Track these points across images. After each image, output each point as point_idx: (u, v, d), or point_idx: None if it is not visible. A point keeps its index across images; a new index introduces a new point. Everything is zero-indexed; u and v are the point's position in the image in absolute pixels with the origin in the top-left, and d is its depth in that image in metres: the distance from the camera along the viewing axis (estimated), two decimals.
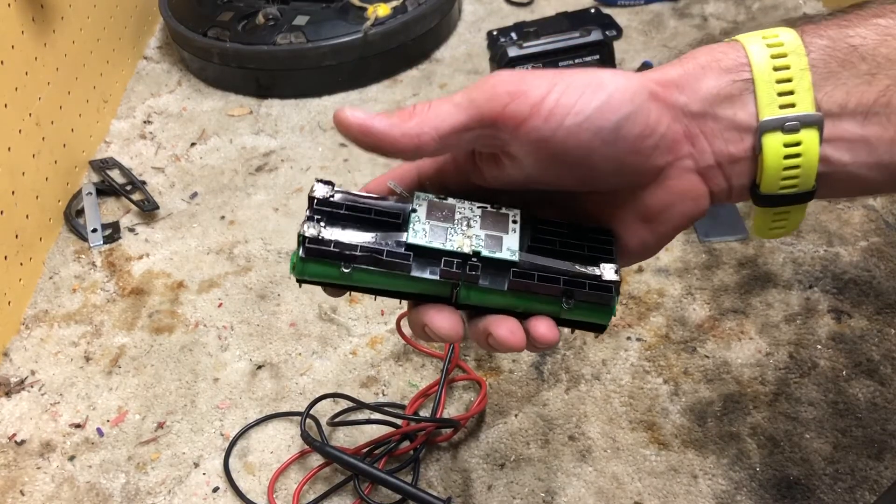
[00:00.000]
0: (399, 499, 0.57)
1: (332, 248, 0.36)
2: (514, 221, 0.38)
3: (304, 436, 0.59)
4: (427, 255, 0.37)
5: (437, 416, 0.61)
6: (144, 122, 0.96)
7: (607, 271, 0.37)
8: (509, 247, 0.37)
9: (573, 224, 0.39)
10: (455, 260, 0.36)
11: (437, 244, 0.36)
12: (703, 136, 0.36)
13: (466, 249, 0.36)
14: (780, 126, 0.35)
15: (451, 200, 0.38)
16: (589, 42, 0.89)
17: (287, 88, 0.98)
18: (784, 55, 0.35)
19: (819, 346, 0.65)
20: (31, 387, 0.68)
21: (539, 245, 0.38)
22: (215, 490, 0.59)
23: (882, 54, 0.35)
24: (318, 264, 0.37)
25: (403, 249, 0.37)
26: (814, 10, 1.03)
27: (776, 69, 0.35)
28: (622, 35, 1.02)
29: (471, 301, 0.37)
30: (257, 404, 0.65)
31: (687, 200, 0.38)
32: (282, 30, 0.96)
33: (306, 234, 0.36)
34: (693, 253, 0.73)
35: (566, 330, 0.39)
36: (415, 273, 0.36)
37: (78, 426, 0.64)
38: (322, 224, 0.37)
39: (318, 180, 0.38)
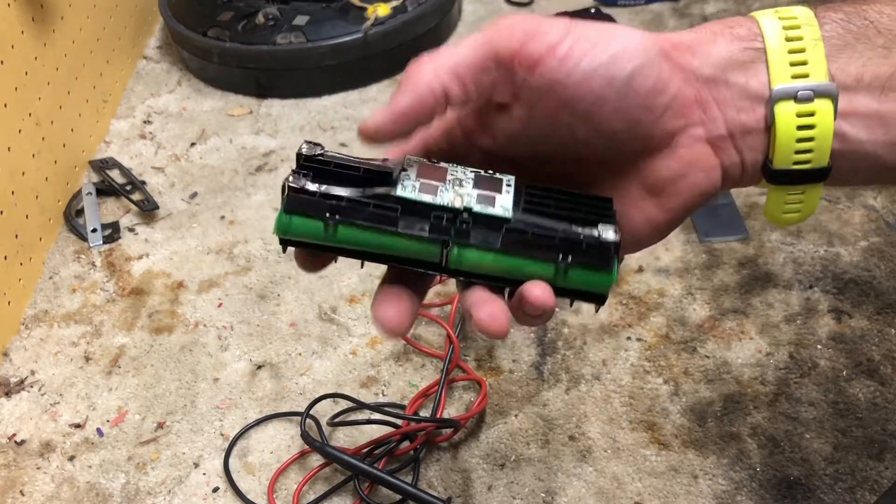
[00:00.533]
0: (399, 499, 0.57)
1: (316, 198, 0.34)
2: (508, 185, 0.36)
3: (304, 436, 0.59)
4: (416, 212, 0.34)
5: (437, 416, 0.61)
6: (144, 121, 0.96)
7: (606, 231, 0.35)
8: (502, 204, 0.35)
9: (570, 191, 0.37)
10: (445, 215, 0.34)
11: (426, 198, 0.34)
12: (714, 104, 0.36)
13: (458, 204, 0.34)
14: (792, 95, 0.34)
15: (443, 164, 0.37)
16: None
17: (287, 88, 0.98)
18: (797, 27, 0.35)
19: (819, 346, 0.65)
20: (31, 387, 0.68)
21: (533, 206, 0.35)
22: (215, 490, 0.59)
23: None
24: (303, 218, 0.35)
25: (392, 202, 0.34)
26: None
27: (788, 39, 0.35)
28: None
29: (462, 266, 0.35)
30: (257, 404, 0.65)
31: (697, 171, 0.36)
32: (282, 30, 0.96)
33: (290, 185, 0.34)
34: (693, 253, 0.73)
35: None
36: (403, 230, 0.34)
37: (78, 426, 0.64)
38: (308, 179, 0.35)
39: (307, 141, 0.36)
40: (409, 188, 0.35)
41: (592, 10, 1.04)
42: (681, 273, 0.72)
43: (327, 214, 0.34)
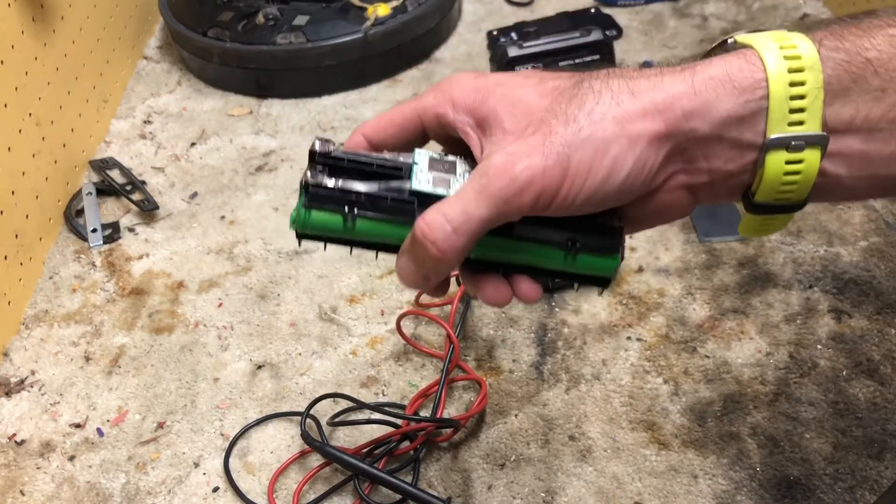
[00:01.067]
0: (399, 499, 0.57)
1: (335, 193, 0.35)
2: None
3: (304, 436, 0.59)
4: (431, 204, 0.35)
5: (437, 416, 0.61)
6: (144, 121, 0.96)
7: (611, 220, 0.37)
8: None
9: None
10: None
11: (441, 191, 0.36)
12: (702, 157, 0.36)
13: None
14: (785, 145, 0.35)
15: (451, 157, 0.38)
16: (589, 42, 0.89)
17: (287, 88, 0.98)
18: (801, 69, 0.34)
19: (819, 346, 0.65)
20: (31, 387, 0.68)
21: None
22: (215, 490, 0.59)
23: (895, 68, 0.34)
24: (322, 212, 0.36)
25: (407, 196, 0.36)
26: (814, 10, 1.03)
27: (792, 84, 0.34)
28: (622, 35, 1.02)
29: (475, 253, 0.37)
30: (257, 404, 0.65)
31: (673, 209, 0.38)
32: (282, 30, 0.96)
33: (311, 181, 0.35)
34: (693, 253, 0.73)
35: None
36: None
37: (78, 426, 0.64)
38: (325, 175, 0.36)
39: (319, 138, 0.37)
40: (423, 181, 0.36)
41: (592, 11, 1.04)
42: (681, 273, 0.72)
43: (346, 209, 0.35)
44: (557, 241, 0.36)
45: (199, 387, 0.66)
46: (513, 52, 0.87)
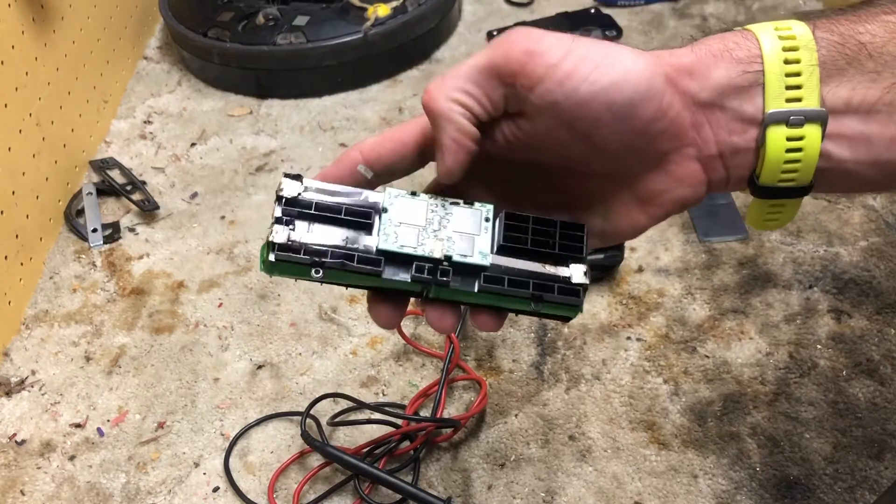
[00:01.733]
0: (399, 499, 0.57)
1: (301, 255, 0.36)
2: (487, 220, 0.38)
3: (305, 436, 0.59)
4: (399, 260, 0.37)
5: (437, 416, 0.61)
6: (144, 122, 0.96)
7: (576, 273, 0.38)
8: (480, 249, 0.37)
9: (545, 218, 0.39)
10: (426, 265, 0.37)
11: (408, 249, 0.36)
12: (708, 126, 0.37)
13: (437, 254, 0.36)
14: (784, 119, 0.35)
15: (422, 196, 0.38)
16: None
17: (287, 88, 0.98)
18: (795, 48, 0.35)
19: (819, 346, 0.65)
20: (32, 387, 0.68)
21: (510, 245, 0.38)
22: (215, 490, 0.59)
23: (889, 52, 0.35)
24: (288, 266, 0.36)
25: (374, 254, 0.37)
26: (814, 10, 1.03)
27: (787, 62, 0.35)
28: (622, 35, 1.02)
29: (441, 297, 0.38)
30: (257, 404, 0.65)
31: (685, 186, 0.38)
32: (282, 30, 0.96)
33: (275, 241, 0.36)
34: (693, 253, 0.73)
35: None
36: (387, 276, 0.37)
37: (78, 426, 0.64)
38: (291, 226, 0.36)
39: (286, 175, 0.37)
40: (390, 237, 0.37)
41: (592, 11, 1.04)
42: (681, 273, 0.72)
43: (311, 267, 0.36)
44: (523, 296, 0.37)
45: (200, 387, 0.66)
46: None
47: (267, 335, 0.70)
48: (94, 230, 0.81)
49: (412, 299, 0.40)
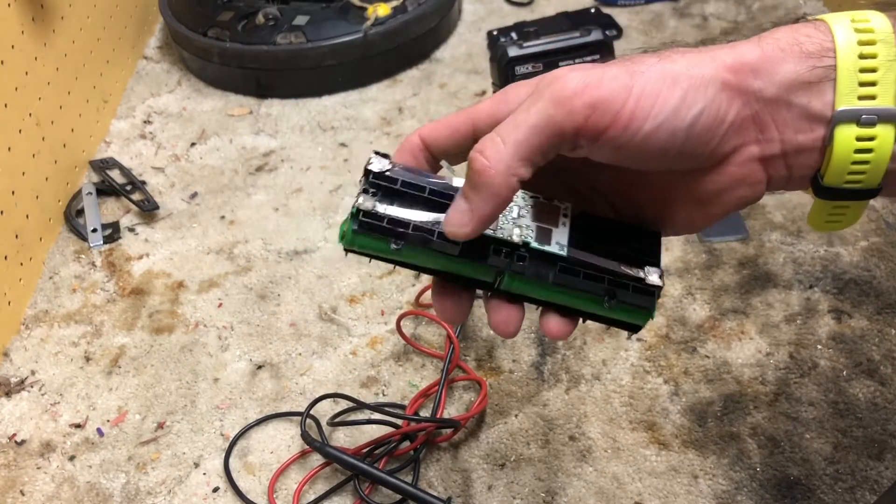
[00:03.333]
0: (399, 499, 0.57)
1: (385, 224, 0.36)
2: (565, 215, 0.38)
3: (304, 436, 0.59)
4: (477, 241, 0.36)
5: (438, 416, 0.61)
6: (144, 122, 0.96)
7: (652, 275, 0.37)
8: (558, 241, 0.37)
9: (622, 222, 0.39)
10: (504, 248, 0.36)
11: (487, 231, 0.36)
12: (773, 124, 0.35)
13: (516, 239, 0.36)
14: (856, 118, 0.34)
15: None
16: (589, 42, 0.89)
17: (287, 88, 0.98)
18: (872, 42, 0.33)
19: (819, 346, 0.65)
20: (31, 387, 0.68)
21: (587, 241, 0.37)
22: (215, 490, 0.59)
23: None
24: (370, 238, 0.36)
25: None
26: (814, 9, 1.03)
27: (862, 57, 0.33)
28: (622, 35, 1.02)
29: (513, 290, 0.37)
30: (257, 404, 0.65)
31: (745, 186, 0.37)
32: (282, 30, 0.96)
33: (362, 207, 0.36)
34: (693, 253, 0.73)
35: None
36: (463, 256, 0.36)
37: (78, 426, 0.64)
38: (376, 198, 0.36)
39: (376, 152, 0.38)
40: None
41: (592, 11, 1.04)
42: (681, 273, 0.72)
43: (393, 239, 0.36)
44: (596, 294, 0.37)
45: (199, 387, 0.66)
46: (513, 52, 0.87)
47: (267, 335, 0.70)
48: (94, 230, 0.80)
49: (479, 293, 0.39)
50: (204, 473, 0.61)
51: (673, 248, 0.74)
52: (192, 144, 0.92)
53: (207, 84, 1.01)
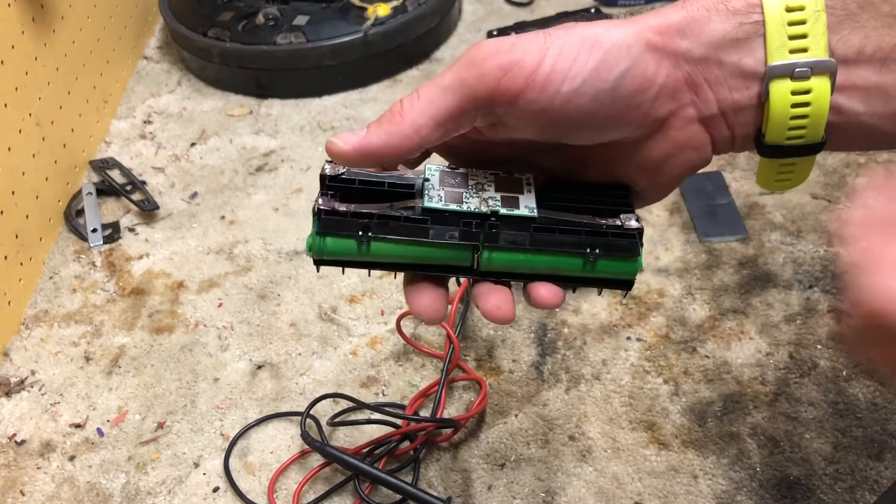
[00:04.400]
0: (399, 499, 0.57)
1: (347, 218, 0.35)
2: (528, 183, 0.37)
3: (304, 436, 0.59)
4: (445, 220, 0.36)
5: (437, 416, 0.61)
6: (144, 122, 0.96)
7: (629, 220, 0.36)
8: (527, 205, 0.36)
9: (587, 183, 0.38)
10: (474, 220, 0.36)
11: (453, 206, 0.36)
12: (706, 84, 0.34)
13: (484, 209, 0.36)
14: (789, 73, 0.33)
15: (462, 169, 0.38)
16: None
17: (287, 88, 0.98)
18: None
19: (819, 346, 0.65)
20: (31, 387, 0.68)
21: (556, 203, 0.37)
22: (215, 490, 0.59)
23: None
24: (336, 238, 0.35)
25: (420, 215, 0.36)
26: None
27: (789, 10, 0.33)
28: None
29: (493, 266, 0.36)
30: (257, 404, 0.65)
31: (689, 150, 0.36)
32: (282, 30, 0.96)
33: (321, 207, 0.35)
34: (693, 253, 0.73)
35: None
36: (434, 238, 0.35)
37: (78, 426, 0.64)
38: (336, 199, 0.36)
39: (329, 160, 0.37)
40: (434, 198, 0.36)
41: (592, 10, 1.04)
42: (681, 273, 0.72)
43: (360, 232, 0.35)
44: (575, 248, 0.36)
45: (199, 387, 0.66)
46: None
47: (267, 335, 0.70)
48: (94, 230, 0.80)
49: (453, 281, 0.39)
50: (204, 473, 0.61)
51: (673, 248, 0.74)
52: (192, 144, 0.92)
53: (207, 84, 1.01)
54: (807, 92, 0.33)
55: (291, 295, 0.73)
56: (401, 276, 0.38)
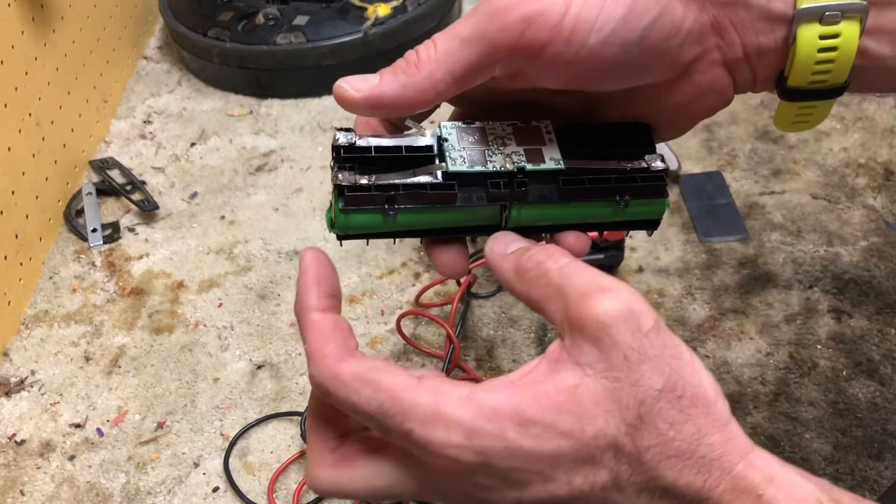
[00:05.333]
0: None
1: (373, 192, 0.34)
2: (548, 132, 0.36)
3: (304, 436, 0.59)
4: (471, 182, 0.35)
5: None
6: (144, 121, 0.96)
7: (654, 161, 0.36)
8: (552, 156, 0.35)
9: (606, 125, 0.37)
10: (501, 180, 0.35)
11: (478, 168, 0.34)
12: (732, 27, 0.33)
13: (510, 167, 0.35)
14: (818, 15, 0.32)
15: (478, 123, 0.36)
16: None
17: (287, 88, 0.98)
18: None
19: (819, 346, 0.65)
20: (31, 387, 0.68)
21: (579, 150, 0.36)
22: (215, 490, 0.59)
23: None
24: (361, 214, 0.34)
25: (445, 180, 0.34)
26: None
27: None
28: None
29: (521, 222, 0.36)
30: (257, 404, 0.65)
31: (711, 93, 0.35)
32: (282, 30, 0.96)
33: (343, 184, 0.33)
34: (693, 253, 0.73)
35: None
36: (462, 203, 0.34)
37: (78, 426, 0.64)
38: (356, 172, 0.34)
39: (338, 128, 0.35)
40: (458, 160, 0.35)
41: None
42: (681, 273, 0.72)
43: (386, 206, 0.34)
44: (605, 196, 0.35)
45: (199, 387, 0.66)
46: None
47: (267, 335, 0.70)
48: (94, 230, 0.80)
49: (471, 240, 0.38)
50: (204, 473, 0.61)
51: (673, 248, 0.74)
52: (192, 144, 0.92)
53: (207, 84, 1.01)
54: (835, 36, 0.32)
55: (291, 295, 0.73)
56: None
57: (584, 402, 0.29)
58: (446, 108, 0.40)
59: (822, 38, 0.32)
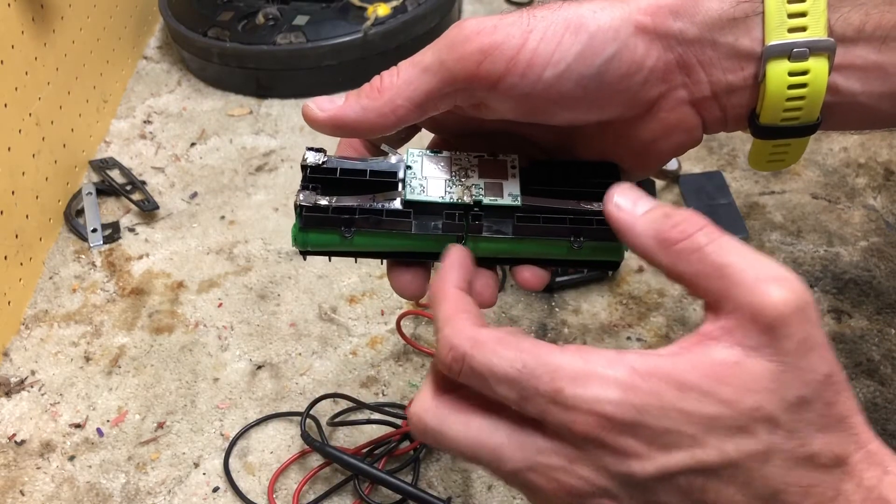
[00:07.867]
0: (399, 499, 0.57)
1: (329, 214, 0.35)
2: (513, 167, 0.37)
3: (304, 436, 0.59)
4: (428, 211, 0.35)
5: None
6: (144, 121, 0.96)
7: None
8: (510, 192, 0.36)
9: (574, 161, 0.37)
10: (457, 212, 0.35)
11: (436, 198, 0.35)
12: (699, 66, 0.33)
13: (467, 199, 0.35)
14: (787, 53, 0.32)
15: (445, 153, 0.37)
16: None
17: (287, 88, 0.98)
18: None
19: None
20: (31, 387, 0.68)
21: (541, 187, 0.36)
22: (215, 490, 0.59)
23: None
24: (319, 233, 0.36)
25: (402, 207, 0.35)
26: None
27: None
28: None
29: (478, 253, 0.36)
30: (257, 404, 0.65)
31: (679, 132, 0.35)
32: (282, 30, 0.96)
33: (303, 203, 0.35)
34: None
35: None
36: (417, 231, 0.35)
37: (78, 426, 0.64)
38: (317, 192, 0.36)
39: (309, 148, 0.37)
40: (416, 189, 0.36)
41: None
42: None
43: (342, 227, 0.35)
44: (561, 237, 0.36)
45: (199, 387, 0.66)
46: None
47: (267, 335, 0.70)
48: (94, 230, 0.80)
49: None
50: (204, 473, 0.61)
51: None
52: (192, 144, 0.92)
53: (207, 84, 1.01)
54: (804, 73, 0.32)
55: (291, 295, 0.73)
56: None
57: (743, 377, 0.29)
58: (427, 135, 0.40)
59: (791, 74, 0.32)
